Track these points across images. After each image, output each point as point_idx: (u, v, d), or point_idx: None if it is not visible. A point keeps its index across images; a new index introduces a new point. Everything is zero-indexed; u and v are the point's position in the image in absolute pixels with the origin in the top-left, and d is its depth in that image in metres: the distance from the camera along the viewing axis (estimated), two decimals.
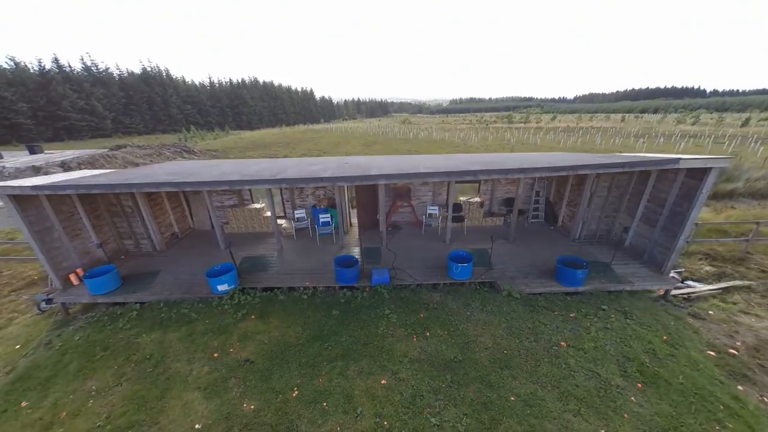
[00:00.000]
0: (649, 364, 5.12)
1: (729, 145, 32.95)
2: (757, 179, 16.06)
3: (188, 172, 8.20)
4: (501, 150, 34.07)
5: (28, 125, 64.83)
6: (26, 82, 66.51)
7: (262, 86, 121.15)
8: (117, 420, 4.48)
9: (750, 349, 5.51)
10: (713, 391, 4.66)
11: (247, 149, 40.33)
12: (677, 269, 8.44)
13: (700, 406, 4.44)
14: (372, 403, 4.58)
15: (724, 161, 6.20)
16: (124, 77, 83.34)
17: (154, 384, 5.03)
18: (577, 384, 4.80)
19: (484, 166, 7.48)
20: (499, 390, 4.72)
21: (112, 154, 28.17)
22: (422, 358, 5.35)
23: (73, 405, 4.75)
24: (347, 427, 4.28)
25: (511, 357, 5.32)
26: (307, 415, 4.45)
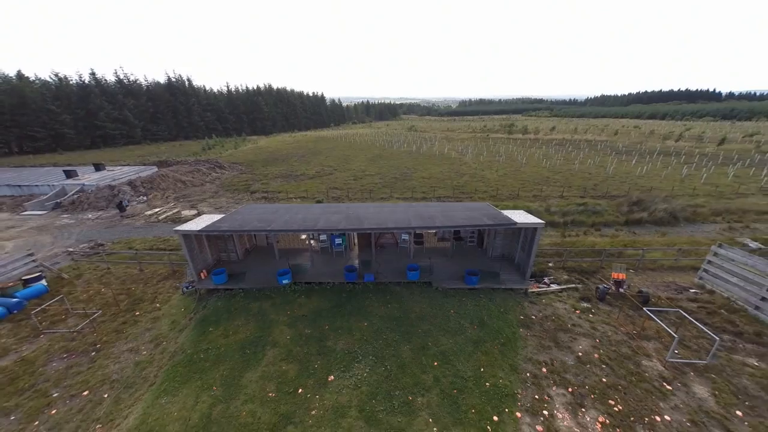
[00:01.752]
0: (485, 320, 11.22)
1: (690, 165, 37.92)
2: (661, 210, 21.66)
3: (270, 219, 14.26)
4: (488, 168, 39.69)
5: (71, 134, 73.30)
6: (69, 96, 74.88)
7: (276, 92, 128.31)
8: (252, 335, 10.82)
9: (542, 317, 11.53)
10: (506, 331, 10.72)
11: (267, 163, 46.99)
12: (547, 276, 14.39)
13: (495, 335, 10.52)
14: (360, 333, 10.80)
15: (540, 224, 12.15)
16: (152, 88, 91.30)
17: (263, 323, 11.37)
18: (450, 327, 10.92)
19: (422, 222, 13.51)
20: (416, 327, 10.88)
21: (164, 173, 35.08)
22: (385, 315, 11.55)
23: (231, 329, 11.11)
24: (349, 337, 10.51)
25: (425, 316, 11.47)
26: (333, 336, 10.70)
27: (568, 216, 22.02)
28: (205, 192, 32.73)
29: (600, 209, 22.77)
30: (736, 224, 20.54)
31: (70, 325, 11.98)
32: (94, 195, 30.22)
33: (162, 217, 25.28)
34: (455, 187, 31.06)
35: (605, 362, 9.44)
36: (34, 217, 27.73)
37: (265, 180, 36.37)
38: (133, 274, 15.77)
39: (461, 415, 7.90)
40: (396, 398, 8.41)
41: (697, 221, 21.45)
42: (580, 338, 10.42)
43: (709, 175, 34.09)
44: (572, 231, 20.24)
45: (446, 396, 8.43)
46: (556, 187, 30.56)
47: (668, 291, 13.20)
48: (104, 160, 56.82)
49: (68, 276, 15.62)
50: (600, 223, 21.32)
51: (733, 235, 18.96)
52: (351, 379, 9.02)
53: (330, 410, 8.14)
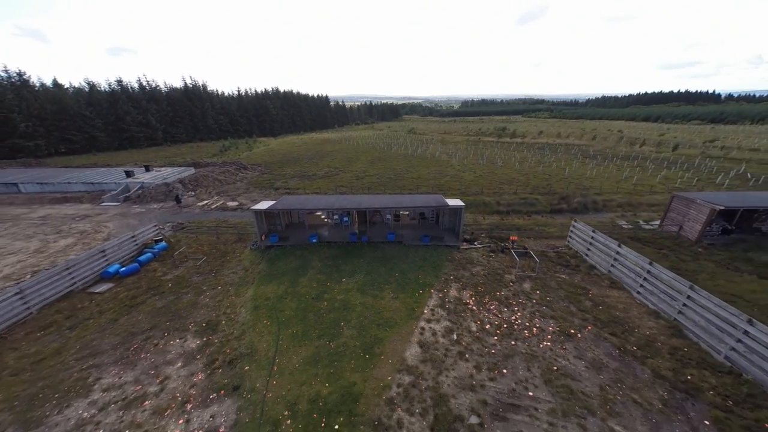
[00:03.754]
0: (428, 258, 20.41)
1: (637, 168, 46.62)
2: (575, 202, 30.65)
3: (302, 204, 23.76)
4: (469, 170, 48.61)
5: (102, 137, 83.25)
6: (100, 102, 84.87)
7: (283, 95, 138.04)
8: (298, 265, 20.08)
9: (461, 258, 20.65)
10: (437, 262, 19.86)
11: (283, 165, 56.33)
12: (477, 240, 23.50)
13: (431, 264, 19.68)
14: (358, 263, 20.04)
15: (462, 206, 21.30)
16: (171, 93, 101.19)
17: (303, 260, 20.67)
18: (407, 260, 20.13)
19: (396, 204, 22.79)
20: (389, 261, 20.09)
21: (205, 173, 44.55)
22: (372, 256, 20.79)
23: (286, 263, 20.40)
24: (352, 265, 19.72)
25: (395, 256, 20.68)
26: (343, 264, 19.93)
27: (511, 206, 31.10)
28: (238, 188, 42.15)
29: (535, 202, 31.81)
30: (626, 213, 29.50)
31: (190, 264, 21.32)
32: (154, 190, 39.69)
33: (213, 207, 34.71)
34: (436, 185, 40.11)
35: (485, 275, 18.58)
36: (111, 208, 37.20)
37: (284, 179, 45.70)
38: (213, 240, 25.10)
39: (405, 291, 17.08)
40: (375, 286, 17.61)
41: (602, 210, 30.43)
42: (477, 266, 19.57)
43: (645, 176, 42.89)
44: (510, 216, 29.31)
45: (399, 284, 17.63)
46: (517, 185, 39.47)
47: (546, 248, 22.27)
48: (133, 161, 66.97)
49: (174, 240, 25.00)
50: (532, 212, 30.36)
51: (618, 219, 27.93)
52: (353, 281, 18.23)
53: (342, 291, 17.36)
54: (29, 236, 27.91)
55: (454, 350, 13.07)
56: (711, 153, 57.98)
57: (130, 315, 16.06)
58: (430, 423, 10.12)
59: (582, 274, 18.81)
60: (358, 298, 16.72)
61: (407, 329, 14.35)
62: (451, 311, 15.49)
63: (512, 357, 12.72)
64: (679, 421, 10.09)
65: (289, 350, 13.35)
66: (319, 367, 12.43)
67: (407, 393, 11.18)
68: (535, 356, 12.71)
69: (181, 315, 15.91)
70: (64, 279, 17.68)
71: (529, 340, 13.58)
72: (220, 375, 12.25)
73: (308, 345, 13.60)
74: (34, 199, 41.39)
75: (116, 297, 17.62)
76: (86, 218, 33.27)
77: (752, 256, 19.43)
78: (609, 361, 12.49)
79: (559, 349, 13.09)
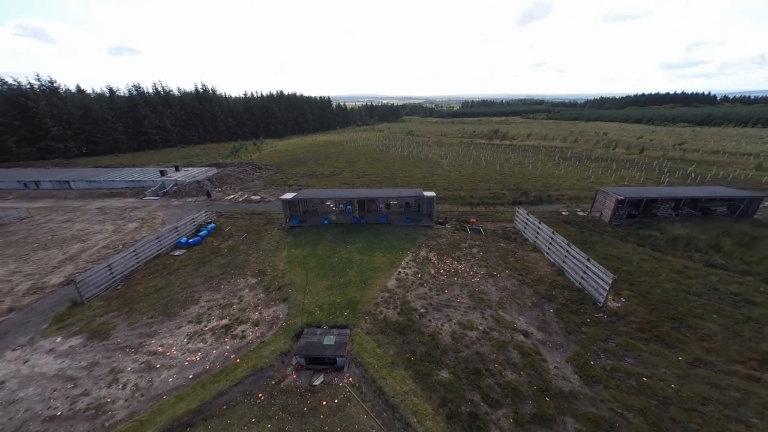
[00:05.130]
0: (409, 234, 28.81)
1: (600, 169, 54.79)
2: (532, 196, 38.95)
3: (316, 195, 32.26)
4: (455, 170, 56.85)
5: (123, 139, 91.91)
6: (121, 107, 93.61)
7: (287, 98, 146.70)
8: (315, 238, 28.52)
9: (432, 233, 29.02)
10: (415, 235, 28.23)
11: (292, 165, 64.81)
12: (448, 222, 31.86)
13: (410, 237, 28.05)
14: (358, 237, 28.45)
15: (434, 196, 29.71)
16: (183, 97, 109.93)
17: (318, 234, 29.13)
18: (393, 235, 28.50)
19: (385, 193, 31.26)
20: (380, 235, 28.47)
21: (228, 172, 53.07)
22: (368, 232, 29.21)
23: (307, 236, 28.84)
24: (353, 237, 28.12)
25: (385, 232, 29.09)
26: (347, 237, 28.34)
27: (481, 199, 39.42)
28: (257, 185, 50.65)
29: (502, 196, 40.14)
30: (572, 204, 37.75)
31: (236, 238, 29.75)
32: (187, 187, 48.20)
33: (240, 200, 43.19)
34: (424, 183, 48.41)
35: (447, 243, 26.94)
36: (153, 202, 45.70)
37: (295, 178, 54.14)
38: (248, 223, 33.51)
39: (390, 252, 25.49)
40: (369, 250, 26.02)
41: (554, 202, 38.70)
42: (443, 238, 27.95)
43: (604, 176, 51.10)
44: (479, 207, 37.63)
45: (386, 249, 26.05)
46: (492, 183, 47.73)
47: (497, 228, 30.57)
48: (153, 161, 75.62)
49: (218, 223, 33.45)
50: (497, 203, 38.64)
51: (562, 209, 36.18)
52: (354, 247, 26.62)
53: (347, 253, 25.77)
54: (101, 222, 36.45)
55: (417, 282, 21.44)
56: (671, 155, 66.12)
57: (204, 267, 24.51)
58: (398, 312, 18.48)
59: (516, 243, 27.16)
60: (357, 256, 25.12)
61: (389, 272, 22.73)
62: (419, 263, 23.88)
63: (452, 285, 21.07)
64: (537, 310, 18.44)
65: (314, 282, 21.74)
66: (334, 290, 20.82)
67: (386, 300, 19.56)
68: (467, 285, 21.06)
69: (240, 267, 24.34)
70: (155, 245, 26.17)
71: (466, 278, 21.93)
72: (274, 294, 20.67)
73: (326, 280, 21.99)
74: (85, 195, 50.05)
75: (190, 257, 26.08)
76: (136, 209, 41.77)
77: (639, 232, 27.72)
78: (511, 287, 20.84)
79: (483, 282, 21.44)
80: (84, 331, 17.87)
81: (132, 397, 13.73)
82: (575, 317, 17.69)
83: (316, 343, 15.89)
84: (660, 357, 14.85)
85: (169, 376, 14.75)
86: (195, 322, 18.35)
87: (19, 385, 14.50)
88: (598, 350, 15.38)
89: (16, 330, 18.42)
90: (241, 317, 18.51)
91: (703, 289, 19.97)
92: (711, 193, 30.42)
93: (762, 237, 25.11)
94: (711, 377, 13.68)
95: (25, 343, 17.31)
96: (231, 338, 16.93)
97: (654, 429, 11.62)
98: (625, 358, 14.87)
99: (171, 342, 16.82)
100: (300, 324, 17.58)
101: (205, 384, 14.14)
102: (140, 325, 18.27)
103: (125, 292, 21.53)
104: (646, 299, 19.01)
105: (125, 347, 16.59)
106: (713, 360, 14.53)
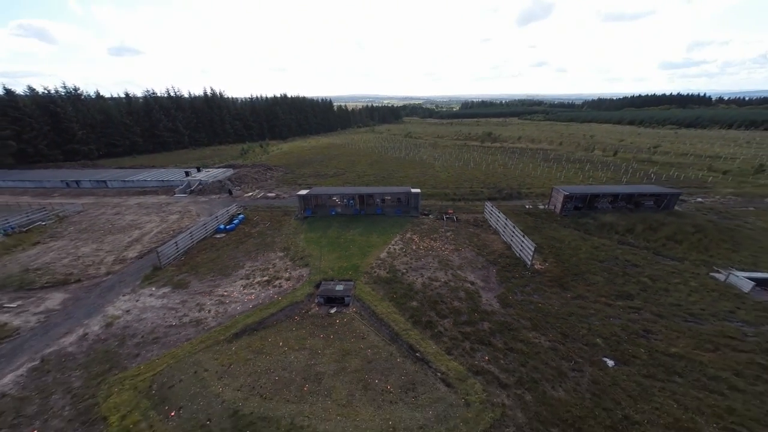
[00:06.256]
0: (398, 222, 37.25)
1: (572, 169, 63.00)
2: (504, 193, 47.30)
3: (325, 191, 40.76)
4: (445, 171, 65.18)
5: (140, 142, 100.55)
6: (138, 111, 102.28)
7: (291, 100, 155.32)
8: (325, 224, 36.95)
9: (417, 221, 37.49)
10: (403, 223, 36.65)
11: (299, 166, 73.27)
12: (432, 213, 40.26)
13: (399, 224, 36.46)
14: (359, 224, 36.89)
15: (419, 192, 38.14)
16: (194, 101, 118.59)
17: (327, 222, 37.59)
18: (387, 222, 36.94)
19: (381, 190, 39.75)
20: (376, 222, 36.93)
21: (244, 173, 61.56)
22: (367, 221, 37.68)
23: (319, 224, 37.30)
24: (354, 224, 36.56)
25: (380, 220, 37.55)
26: (351, 224, 36.80)
27: (462, 196, 47.77)
28: (271, 184, 59.13)
29: (480, 192, 48.49)
30: (536, 200, 46.05)
31: (262, 226, 38.19)
32: (211, 185, 56.71)
33: (258, 197, 51.68)
34: (416, 182, 56.72)
35: (428, 229, 35.36)
36: (182, 198, 54.18)
37: (303, 178, 62.59)
38: (268, 215, 41.93)
39: (383, 235, 33.92)
40: (368, 233, 34.46)
41: (522, 198, 47.02)
42: (425, 225, 36.38)
43: (576, 175, 59.35)
44: (460, 202, 45.95)
45: (380, 232, 34.48)
46: (475, 182, 56.02)
47: (470, 218, 38.92)
48: (170, 162, 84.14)
49: (246, 214, 41.90)
50: (476, 199, 46.96)
51: (527, 204, 44.47)
52: (356, 231, 35.05)
53: (350, 235, 34.19)
54: (147, 214, 44.96)
55: (402, 254, 29.84)
56: (641, 157, 74.37)
57: (242, 245, 32.94)
58: (386, 271, 26.85)
59: (482, 229, 35.53)
60: (358, 237, 33.54)
61: (382, 248, 31.11)
62: (405, 242, 32.27)
63: (427, 256, 29.45)
64: (484, 271, 26.83)
65: (326, 255, 30.14)
66: (341, 259, 29.23)
67: (379, 265, 27.96)
68: (438, 256, 29.43)
69: (269, 245, 32.76)
70: (203, 229, 34.65)
71: (438, 252, 30.29)
72: (298, 262, 29.11)
73: (335, 253, 30.40)
74: (121, 192, 58.63)
75: (230, 239, 34.53)
76: (170, 204, 50.24)
77: (580, 221, 36.04)
78: (470, 257, 29.21)
79: (450, 254, 29.80)
80: (169, 284, 26.35)
81: (216, 317, 22.17)
82: (509, 274, 26.07)
83: (331, 289, 24.30)
84: (555, 294, 23.22)
85: (236, 306, 23.19)
86: (244, 278, 26.81)
87: (140, 312, 22.98)
88: (516, 291, 23.76)
89: (119, 285, 26.89)
90: (276, 275, 26.97)
91: (607, 257, 28.33)
92: (641, 190, 38.77)
93: (667, 223, 33.42)
94: (581, 304, 22.04)
95: (129, 291, 25.78)
96: (272, 287, 25.39)
97: (535, 326, 19.97)
98: (532, 295, 23.24)
99: (231, 289, 25.27)
100: (319, 279, 26.03)
101: (260, 310, 22.58)
102: (207, 280, 26.74)
103: (188, 262, 30.00)
104: (562, 264, 27.37)
105: (201, 292, 25.05)
106: (588, 295, 22.90)
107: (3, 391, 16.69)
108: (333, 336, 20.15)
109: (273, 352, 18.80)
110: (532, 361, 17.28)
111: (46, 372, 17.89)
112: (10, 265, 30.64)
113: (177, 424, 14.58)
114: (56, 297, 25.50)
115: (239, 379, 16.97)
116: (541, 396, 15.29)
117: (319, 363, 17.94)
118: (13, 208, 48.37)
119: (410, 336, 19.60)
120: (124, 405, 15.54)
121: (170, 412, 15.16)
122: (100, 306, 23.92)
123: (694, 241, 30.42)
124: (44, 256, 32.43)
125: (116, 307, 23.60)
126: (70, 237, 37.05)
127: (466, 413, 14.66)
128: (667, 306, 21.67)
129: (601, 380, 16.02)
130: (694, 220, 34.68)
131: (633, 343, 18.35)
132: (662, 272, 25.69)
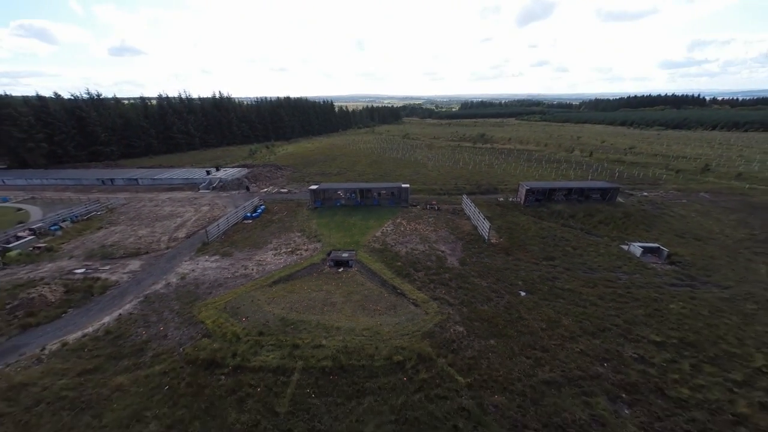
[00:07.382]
0: (392, 211, 47.07)
1: (549, 168, 72.60)
2: (483, 188, 57.07)
3: (332, 186, 50.67)
4: (436, 170, 74.84)
5: (155, 144, 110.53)
6: (153, 115, 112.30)
7: (294, 102, 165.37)
8: (332, 212, 46.78)
9: (406, 210, 47.26)
10: (395, 211, 46.41)
11: (305, 166, 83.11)
12: (419, 204, 50.06)
13: (391, 213, 46.25)
14: (359, 212, 46.70)
15: (408, 187, 47.95)
16: (204, 104, 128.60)
17: (333, 211, 47.50)
18: (382, 211, 46.71)
19: (377, 186, 49.65)
20: (374, 211, 46.72)
21: (257, 172, 71.42)
22: (365, 210, 47.50)
23: (328, 212, 47.12)
24: (355, 213, 46.34)
25: (376, 210, 47.33)
26: (352, 213, 46.63)
27: (447, 191, 57.49)
28: (282, 182, 68.96)
29: (462, 188, 58.23)
30: (509, 194, 55.72)
31: (280, 214, 48.01)
32: (230, 183, 66.57)
33: (273, 192, 61.49)
34: (409, 179, 66.38)
35: (414, 216, 45.15)
36: (206, 194, 64.02)
37: (310, 176, 72.39)
38: (284, 206, 51.72)
39: (378, 220, 43.75)
40: (366, 219, 44.29)
41: (497, 193, 56.72)
42: (413, 213, 46.19)
43: (550, 174, 68.97)
44: (444, 195, 55.66)
45: (376, 218, 44.32)
46: (460, 179, 65.68)
47: (450, 208, 48.65)
48: (184, 162, 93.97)
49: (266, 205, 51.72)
50: (458, 193, 56.61)
51: (500, 197, 54.18)
52: (357, 218, 44.86)
53: (353, 221, 44.01)
54: (183, 206, 54.81)
55: (392, 234, 39.64)
56: (612, 157, 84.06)
57: (267, 228, 42.73)
58: (380, 245, 36.62)
59: (458, 216, 45.24)
60: (359, 222, 43.36)
61: (377, 229, 40.90)
62: (395, 225, 42.06)
63: (411, 235, 39.22)
64: (453, 244, 36.62)
65: (334, 234, 39.92)
66: (345, 237, 39.03)
67: (374, 241, 37.77)
68: (420, 235, 39.18)
69: (288, 228, 42.54)
70: (235, 216, 44.50)
71: (421, 232, 40.02)
72: (312, 239, 38.94)
73: (341, 233, 40.18)
74: (151, 189, 68.52)
75: (257, 224, 44.33)
76: (196, 199, 60.07)
77: (537, 211, 45.73)
78: (444, 235, 38.98)
79: (429, 233, 39.52)
80: (218, 253, 36.14)
81: (258, 272, 31.94)
82: (471, 246, 35.82)
83: (338, 256, 34.05)
84: (500, 258, 32.96)
85: (270, 267, 32.98)
86: (274, 250, 36.61)
87: (203, 270, 32.77)
88: (473, 256, 33.51)
89: (179, 255, 36.68)
90: (297, 248, 36.77)
91: (548, 235, 38.04)
92: (589, 185, 48.48)
93: (602, 210, 43.15)
94: (516, 264, 31.78)
95: (188, 259, 35.55)
96: (295, 255, 35.21)
97: (479, 275, 29.68)
98: (484, 259, 32.96)
99: (265, 257, 35.06)
100: (329, 249, 35.79)
101: (289, 268, 32.37)
102: (245, 251, 36.54)
103: (227, 240, 39.79)
104: (513, 239, 37.08)
105: (243, 258, 34.84)
106: (523, 258, 32.65)
107: (129, 311, 26.48)
108: (341, 284, 29.90)
109: (301, 292, 28.57)
110: (472, 293, 27.04)
111: (152, 302, 27.66)
112: (87, 243, 40.51)
113: (248, 324, 24.31)
114: (135, 263, 35.32)
115: (281, 304, 26.74)
116: (473, 309, 25.02)
117: (332, 297, 27.70)
118: (67, 202, 58.39)
119: (394, 281, 29.38)
120: (212, 316, 25.29)
121: (242, 318, 24.91)
122: (171, 268, 33.74)
123: (619, 224, 40.12)
124: (111, 236, 42.29)
125: (183, 268, 33.41)
126: (125, 223, 46.93)
127: (425, 317, 24.40)
128: (576, 264, 31.43)
129: (512, 301, 25.76)
130: (626, 209, 44.42)
131: (542, 284, 28.10)
132: (583, 244, 35.44)
